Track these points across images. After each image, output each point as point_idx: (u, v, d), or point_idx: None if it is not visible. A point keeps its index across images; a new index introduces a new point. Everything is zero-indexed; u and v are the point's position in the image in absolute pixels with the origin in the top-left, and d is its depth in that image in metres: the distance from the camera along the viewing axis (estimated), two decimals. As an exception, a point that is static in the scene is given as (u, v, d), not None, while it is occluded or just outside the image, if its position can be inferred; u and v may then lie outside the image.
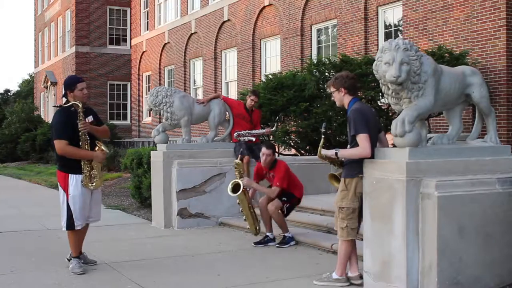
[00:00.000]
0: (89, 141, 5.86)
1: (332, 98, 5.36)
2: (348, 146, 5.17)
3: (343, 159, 5.17)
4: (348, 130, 5.11)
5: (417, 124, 4.96)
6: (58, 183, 5.99)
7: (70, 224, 5.91)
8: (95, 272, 5.89)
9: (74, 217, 5.87)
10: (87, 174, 5.86)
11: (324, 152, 5.16)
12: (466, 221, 4.70)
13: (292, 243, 7.05)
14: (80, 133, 5.80)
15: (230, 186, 7.12)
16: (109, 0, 32.95)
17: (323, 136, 5.19)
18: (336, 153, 5.08)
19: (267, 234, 7.21)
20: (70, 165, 5.82)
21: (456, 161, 4.99)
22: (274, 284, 5.44)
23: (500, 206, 4.88)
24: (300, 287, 5.34)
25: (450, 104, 5.34)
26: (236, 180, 7.10)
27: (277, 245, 7.02)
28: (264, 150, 7.14)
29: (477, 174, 4.99)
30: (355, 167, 5.05)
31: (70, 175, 5.83)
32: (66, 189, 5.85)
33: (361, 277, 5.23)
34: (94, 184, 5.90)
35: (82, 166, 5.83)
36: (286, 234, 7.09)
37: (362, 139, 4.90)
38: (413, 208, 4.65)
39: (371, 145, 4.91)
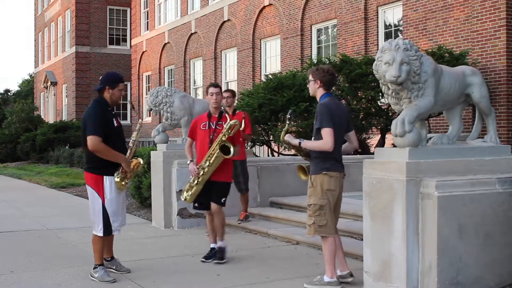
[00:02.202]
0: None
1: (308, 85, 5.37)
2: (312, 138, 5.24)
3: (308, 150, 5.25)
4: (314, 122, 5.19)
5: (417, 124, 4.97)
6: (88, 186, 5.59)
7: (107, 230, 5.53)
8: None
9: (111, 221, 5.54)
10: (123, 171, 5.54)
11: (288, 138, 5.25)
12: (466, 221, 4.70)
13: (228, 256, 6.35)
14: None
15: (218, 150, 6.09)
16: (109, 0, 32.99)
17: (287, 122, 5.29)
18: (299, 142, 5.19)
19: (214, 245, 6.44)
20: (104, 166, 5.49)
21: (456, 161, 4.98)
22: (274, 284, 5.44)
23: (500, 206, 4.88)
24: (300, 287, 5.34)
25: (450, 104, 5.34)
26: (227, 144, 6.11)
27: (216, 261, 6.22)
28: (212, 89, 6.40)
29: (477, 174, 4.99)
30: (319, 164, 5.12)
31: (104, 177, 5.50)
32: (101, 193, 5.49)
33: (351, 274, 5.22)
34: (124, 184, 5.58)
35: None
36: (223, 245, 6.33)
37: (326, 133, 5.01)
38: (413, 208, 4.65)
39: (334, 140, 5.01)
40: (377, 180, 4.84)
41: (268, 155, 13.33)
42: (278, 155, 12.38)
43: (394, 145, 5.03)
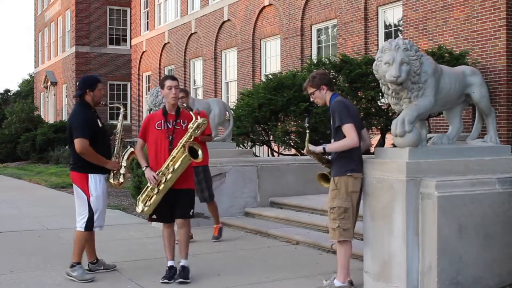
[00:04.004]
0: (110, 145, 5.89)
1: (312, 99, 5.21)
2: (332, 140, 5.07)
3: (329, 157, 5.09)
4: (331, 123, 5.05)
5: (417, 124, 4.97)
6: (75, 185, 5.71)
7: (89, 225, 5.63)
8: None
9: (95, 218, 5.65)
10: (114, 172, 5.80)
11: (312, 148, 5.00)
12: (466, 221, 4.70)
13: (190, 275, 5.54)
14: (115, 137, 5.86)
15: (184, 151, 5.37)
16: (109, 0, 32.98)
17: (307, 131, 5.06)
18: (324, 148, 4.96)
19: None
20: (89, 165, 5.60)
21: (456, 161, 4.99)
22: (274, 284, 5.44)
23: (500, 206, 4.88)
24: (300, 287, 5.34)
25: (450, 104, 5.34)
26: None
27: (180, 280, 5.46)
28: (170, 82, 5.53)
29: (477, 174, 4.99)
30: (343, 165, 4.93)
31: (90, 175, 5.63)
32: (86, 190, 5.62)
33: (351, 283, 5.09)
34: (117, 183, 5.82)
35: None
36: (186, 264, 5.56)
37: (349, 129, 4.85)
38: (413, 208, 4.65)
39: (357, 135, 4.87)
40: (377, 180, 4.84)
41: (268, 155, 13.34)
42: (278, 155, 12.38)
43: (394, 145, 5.03)
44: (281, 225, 8.04)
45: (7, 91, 55.57)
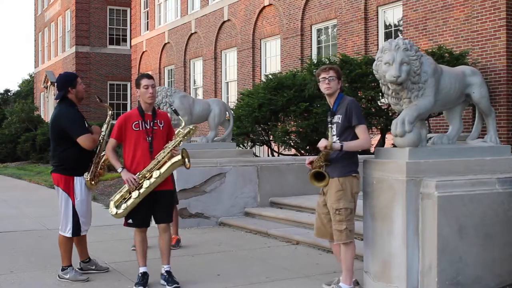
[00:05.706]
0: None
1: (324, 82, 5.00)
2: (336, 137, 4.93)
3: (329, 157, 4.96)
4: (340, 120, 4.90)
5: (417, 124, 4.96)
6: (58, 187, 5.56)
7: (76, 230, 5.58)
8: (95, 272, 5.88)
9: (81, 222, 5.57)
10: (93, 170, 5.63)
11: (333, 145, 4.82)
12: (466, 221, 4.70)
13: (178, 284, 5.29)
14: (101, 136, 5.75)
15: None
16: (109, 0, 32.99)
17: (330, 126, 4.90)
18: (341, 146, 4.79)
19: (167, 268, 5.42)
20: (75, 167, 5.52)
21: (456, 161, 4.99)
22: (274, 284, 5.44)
23: (500, 206, 4.88)
24: (300, 287, 5.34)
25: (450, 104, 5.34)
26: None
27: (175, 286, 5.27)
28: (147, 81, 5.34)
29: (477, 174, 4.99)
30: (347, 166, 4.87)
31: (75, 178, 5.53)
32: (71, 194, 5.50)
33: (357, 283, 5.07)
34: (93, 183, 5.67)
35: (93, 161, 5.63)
36: (169, 268, 5.37)
37: (364, 130, 4.83)
38: (413, 208, 4.65)
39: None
40: (377, 180, 4.84)
41: (268, 155, 13.34)
42: (278, 155, 12.38)
43: (394, 145, 5.03)
44: (281, 225, 8.04)
45: (7, 91, 55.61)
